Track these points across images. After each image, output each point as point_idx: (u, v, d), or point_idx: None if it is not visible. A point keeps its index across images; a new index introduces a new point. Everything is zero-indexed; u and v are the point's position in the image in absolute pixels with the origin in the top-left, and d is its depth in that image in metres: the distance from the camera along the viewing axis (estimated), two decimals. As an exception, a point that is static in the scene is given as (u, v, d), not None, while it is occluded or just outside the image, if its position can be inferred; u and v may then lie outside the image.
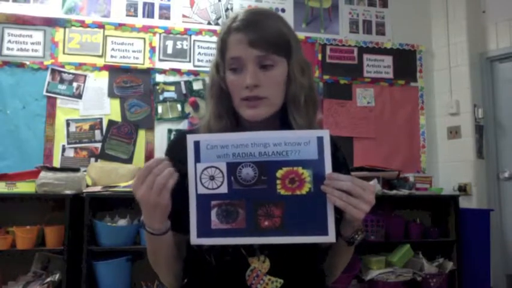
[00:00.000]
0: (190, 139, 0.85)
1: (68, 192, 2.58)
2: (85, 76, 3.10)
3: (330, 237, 0.83)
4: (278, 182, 0.84)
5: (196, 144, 0.85)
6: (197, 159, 0.85)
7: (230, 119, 0.96)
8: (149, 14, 3.27)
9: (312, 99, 0.97)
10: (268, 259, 0.92)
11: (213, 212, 0.84)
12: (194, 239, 0.85)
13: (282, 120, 0.97)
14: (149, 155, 3.11)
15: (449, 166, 3.56)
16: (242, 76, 0.91)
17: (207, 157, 0.85)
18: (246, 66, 0.90)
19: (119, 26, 3.19)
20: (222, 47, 0.94)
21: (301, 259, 0.94)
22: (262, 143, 0.84)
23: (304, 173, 0.83)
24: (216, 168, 0.84)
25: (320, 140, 0.83)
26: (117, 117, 3.13)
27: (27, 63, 3.01)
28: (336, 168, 0.86)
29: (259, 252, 0.92)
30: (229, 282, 0.93)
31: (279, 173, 0.84)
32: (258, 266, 0.92)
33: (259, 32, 0.90)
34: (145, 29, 3.23)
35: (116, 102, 3.14)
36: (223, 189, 0.84)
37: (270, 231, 0.84)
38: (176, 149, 0.94)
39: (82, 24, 3.14)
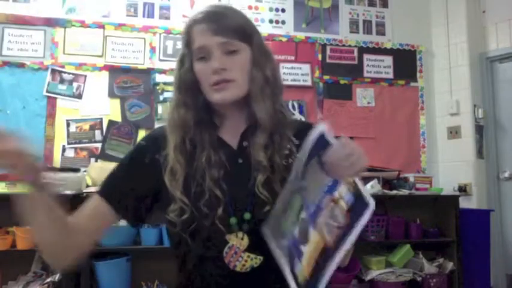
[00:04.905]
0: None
1: (68, 192, 2.57)
2: (85, 76, 3.10)
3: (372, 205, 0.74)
4: None
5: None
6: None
7: (198, 111, 0.98)
8: (149, 14, 3.27)
9: (274, 83, 1.00)
10: (246, 236, 0.91)
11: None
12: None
13: (248, 106, 0.99)
14: (149, 155, 3.11)
15: (449, 166, 3.56)
16: (209, 63, 0.95)
17: None
18: (212, 53, 0.95)
19: (119, 26, 3.19)
20: (188, 40, 0.99)
21: None
22: None
23: None
24: None
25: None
26: (117, 117, 3.12)
27: (27, 63, 3.01)
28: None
29: (238, 228, 0.91)
30: (207, 260, 0.91)
31: None
32: (236, 243, 0.90)
33: (220, 20, 0.96)
34: (146, 29, 3.23)
35: (116, 102, 3.13)
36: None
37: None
38: (154, 140, 1.01)
39: (82, 24, 3.13)
